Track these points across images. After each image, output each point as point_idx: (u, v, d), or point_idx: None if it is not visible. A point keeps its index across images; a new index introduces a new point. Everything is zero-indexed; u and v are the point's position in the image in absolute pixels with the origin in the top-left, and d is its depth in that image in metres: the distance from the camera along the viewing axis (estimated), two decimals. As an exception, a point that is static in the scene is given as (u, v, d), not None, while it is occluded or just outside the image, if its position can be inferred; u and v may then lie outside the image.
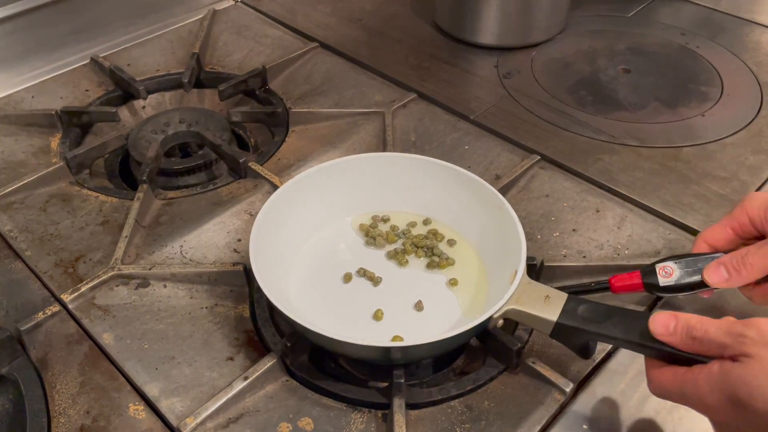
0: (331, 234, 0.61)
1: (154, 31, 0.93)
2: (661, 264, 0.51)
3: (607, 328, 0.46)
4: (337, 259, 0.59)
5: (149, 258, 0.61)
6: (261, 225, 0.55)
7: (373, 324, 0.54)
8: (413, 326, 0.54)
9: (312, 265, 0.59)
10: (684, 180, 0.69)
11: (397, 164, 0.62)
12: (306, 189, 0.59)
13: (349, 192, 0.62)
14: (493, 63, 0.87)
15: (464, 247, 0.60)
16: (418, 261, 0.59)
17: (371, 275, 0.57)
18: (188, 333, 0.55)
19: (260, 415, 0.49)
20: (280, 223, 0.57)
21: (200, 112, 0.78)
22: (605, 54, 0.89)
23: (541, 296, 0.49)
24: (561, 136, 0.75)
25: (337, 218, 0.62)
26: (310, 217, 0.60)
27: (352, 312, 0.55)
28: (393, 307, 0.55)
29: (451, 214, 0.61)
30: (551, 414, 0.49)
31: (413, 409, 0.50)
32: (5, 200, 0.67)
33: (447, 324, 0.54)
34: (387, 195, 0.62)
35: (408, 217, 0.62)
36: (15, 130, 0.76)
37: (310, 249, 0.60)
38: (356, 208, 0.62)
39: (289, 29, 0.94)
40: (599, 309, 0.48)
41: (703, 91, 0.82)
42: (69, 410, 0.50)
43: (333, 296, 0.56)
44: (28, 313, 0.56)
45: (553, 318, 0.48)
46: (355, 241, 0.61)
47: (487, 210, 0.58)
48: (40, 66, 0.86)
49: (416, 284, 0.57)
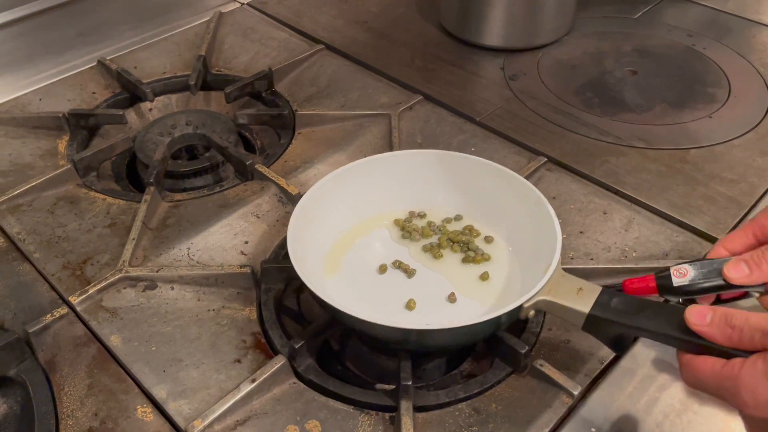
0: (367, 227, 0.62)
1: (161, 33, 0.93)
2: (675, 266, 0.50)
3: (641, 320, 0.45)
4: (373, 252, 0.60)
5: (156, 260, 0.61)
6: (299, 214, 0.56)
7: (406, 313, 0.54)
8: (444, 316, 0.54)
9: (348, 256, 0.59)
10: (691, 182, 0.69)
11: (435, 161, 0.62)
12: (344, 183, 0.60)
13: (386, 187, 0.62)
14: (499, 65, 0.87)
15: (499, 243, 0.60)
16: (453, 255, 0.59)
17: (406, 267, 0.58)
18: (195, 335, 0.55)
19: (268, 418, 0.49)
20: (317, 215, 0.58)
21: (207, 114, 0.78)
22: (612, 55, 0.89)
23: (574, 288, 0.49)
24: (567, 137, 0.75)
25: (373, 212, 0.62)
26: (347, 210, 0.61)
27: (386, 301, 0.55)
28: (426, 298, 0.55)
29: (486, 211, 0.61)
30: (559, 417, 0.49)
31: (420, 411, 0.50)
32: (13, 202, 0.67)
33: (478, 315, 0.53)
34: (423, 191, 0.63)
35: (443, 214, 0.63)
36: (23, 132, 0.76)
37: (346, 241, 0.60)
38: (393, 203, 0.63)
39: (295, 31, 0.94)
40: (633, 302, 0.47)
41: (710, 92, 0.82)
42: (77, 412, 0.50)
43: (367, 286, 0.57)
44: (36, 316, 0.56)
45: (586, 310, 0.47)
46: (391, 235, 0.61)
47: (523, 206, 0.58)
48: (48, 69, 0.86)
49: (450, 277, 0.57)
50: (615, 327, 0.47)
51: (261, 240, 0.63)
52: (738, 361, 0.39)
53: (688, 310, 0.42)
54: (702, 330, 0.41)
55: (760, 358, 0.38)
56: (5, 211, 0.66)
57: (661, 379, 0.51)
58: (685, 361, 0.42)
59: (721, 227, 0.63)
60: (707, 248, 0.62)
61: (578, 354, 0.53)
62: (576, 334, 0.54)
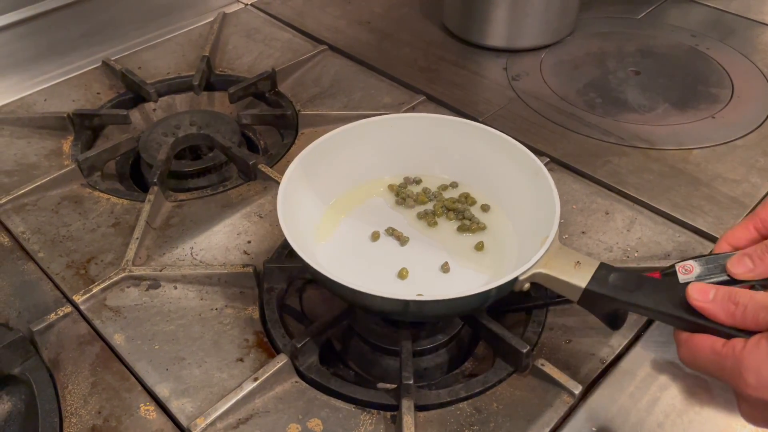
0: (361, 193, 0.60)
1: (165, 34, 0.93)
2: (680, 263, 0.50)
3: (638, 297, 0.44)
4: (366, 218, 0.58)
5: (160, 259, 0.62)
6: (290, 179, 0.54)
7: (398, 282, 0.53)
8: (437, 286, 0.53)
9: (340, 223, 0.58)
10: (694, 182, 0.69)
11: (432, 126, 0.60)
12: (338, 146, 0.58)
13: (381, 152, 0.61)
14: (502, 65, 0.87)
15: (496, 212, 0.59)
16: (449, 224, 0.58)
17: (399, 235, 0.57)
18: (198, 334, 0.55)
19: (270, 416, 0.50)
20: (310, 178, 0.56)
21: (210, 114, 0.78)
22: (615, 56, 0.89)
23: (572, 262, 0.48)
24: (570, 138, 0.75)
25: (367, 178, 0.61)
26: (340, 175, 0.59)
27: (377, 269, 0.54)
28: (419, 267, 0.54)
29: (484, 179, 0.60)
30: (560, 416, 0.49)
31: (422, 410, 0.50)
32: (18, 202, 0.67)
33: (472, 286, 0.51)
34: (420, 157, 0.61)
35: (440, 181, 0.61)
36: (27, 132, 0.77)
37: (338, 207, 0.59)
38: (388, 168, 0.61)
39: (298, 32, 0.94)
40: (631, 278, 0.46)
41: (714, 93, 0.82)
42: (81, 410, 0.50)
43: (359, 253, 0.56)
44: (40, 314, 0.56)
45: (582, 284, 0.46)
46: (385, 201, 0.60)
47: (522, 175, 0.56)
48: (52, 69, 0.87)
49: (444, 246, 0.56)
50: (611, 303, 0.46)
51: (264, 240, 0.64)
52: (740, 341, 0.38)
53: (691, 286, 0.41)
54: (704, 306, 0.40)
55: (764, 337, 0.37)
56: (10, 211, 0.67)
57: (662, 379, 0.51)
58: (683, 340, 0.42)
59: (723, 227, 0.63)
60: (709, 248, 0.62)
61: (579, 354, 0.53)
62: (577, 334, 0.55)
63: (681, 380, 0.51)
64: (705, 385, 0.51)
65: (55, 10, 0.85)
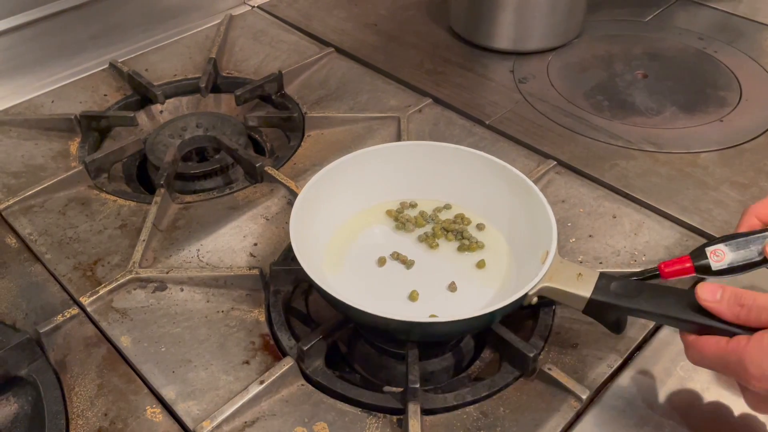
0: (361, 221, 0.62)
1: (172, 36, 0.94)
2: (711, 248, 0.51)
3: (640, 302, 0.47)
4: (370, 245, 0.60)
5: (166, 262, 0.62)
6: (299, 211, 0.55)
7: (410, 304, 0.54)
8: (448, 306, 0.54)
9: (347, 251, 0.59)
10: (702, 186, 0.68)
11: (423, 152, 0.63)
12: (337, 178, 0.60)
13: (376, 180, 0.62)
14: (508, 68, 0.87)
15: (492, 230, 0.60)
16: (448, 244, 0.59)
17: (404, 258, 0.58)
18: (204, 336, 0.55)
19: (276, 419, 0.50)
20: (314, 212, 0.58)
21: (217, 116, 0.79)
22: (622, 59, 0.88)
23: (574, 274, 0.50)
24: (577, 141, 0.74)
25: (365, 205, 0.63)
26: (341, 204, 0.61)
27: (389, 293, 0.56)
28: (427, 288, 0.55)
29: (477, 200, 0.62)
30: (567, 421, 0.49)
31: (428, 414, 0.50)
32: (25, 204, 0.68)
33: (481, 303, 0.54)
34: (413, 182, 0.63)
35: (434, 203, 0.63)
36: (35, 134, 0.77)
37: (343, 235, 0.60)
38: (384, 195, 0.63)
39: (305, 34, 0.95)
40: (630, 285, 0.49)
41: (721, 96, 0.81)
42: (87, 412, 0.50)
43: (369, 279, 0.57)
44: (47, 316, 0.57)
45: (587, 294, 0.49)
46: (385, 226, 0.62)
47: (514, 195, 0.59)
48: (60, 71, 0.87)
49: (448, 266, 0.58)
50: (615, 310, 0.49)
51: (270, 242, 0.64)
52: (743, 338, 0.42)
53: (699, 287, 0.44)
54: (712, 306, 0.44)
55: (766, 333, 0.41)
56: (17, 212, 0.67)
57: (670, 383, 0.51)
58: (690, 342, 0.45)
59: (731, 231, 0.63)
60: (717, 252, 0.61)
61: (586, 358, 0.53)
62: (584, 338, 0.54)
63: (688, 384, 0.51)
64: (712, 390, 0.51)
65: (62, 12, 0.85)
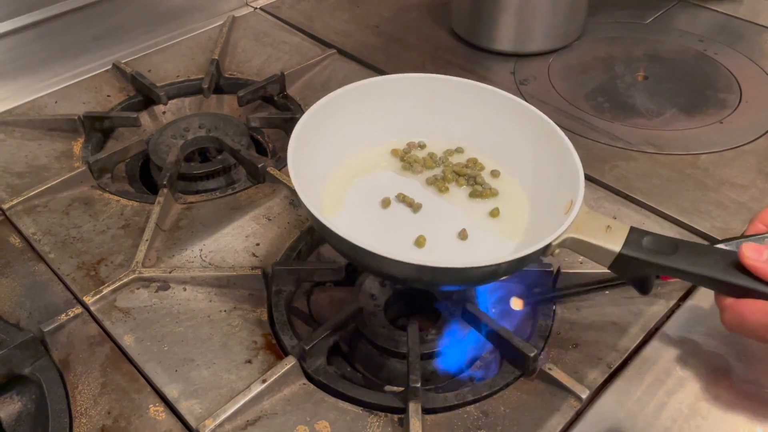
0: (364, 159, 0.58)
1: (175, 37, 0.94)
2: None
3: (676, 260, 0.44)
4: (374, 184, 0.56)
5: (169, 261, 0.62)
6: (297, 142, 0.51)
7: (416, 250, 0.51)
8: (458, 254, 0.51)
9: (348, 191, 0.56)
10: (701, 187, 0.69)
11: (434, 87, 0.58)
12: (339, 109, 0.56)
13: (382, 116, 0.58)
14: (509, 69, 0.88)
15: (507, 178, 0.57)
16: (459, 190, 0.56)
17: (410, 201, 0.54)
18: (207, 336, 0.56)
19: (278, 418, 0.50)
20: (313, 144, 0.54)
21: (219, 117, 0.79)
22: (622, 61, 0.89)
23: (602, 226, 0.46)
24: (578, 142, 0.74)
25: (368, 144, 0.59)
26: (343, 138, 0.57)
27: (394, 237, 0.52)
28: (435, 235, 0.52)
29: (491, 144, 0.58)
30: (567, 421, 0.49)
31: (429, 413, 0.50)
32: (29, 203, 0.68)
33: (495, 254, 0.51)
34: (422, 121, 0.59)
35: (444, 145, 0.59)
36: (38, 134, 0.77)
37: (344, 173, 0.57)
38: (389, 133, 0.59)
39: (307, 36, 0.95)
40: (665, 241, 0.45)
41: (721, 98, 0.82)
42: (90, 411, 0.51)
43: (372, 221, 0.53)
44: (50, 315, 0.57)
45: (616, 249, 0.45)
46: (390, 166, 0.58)
47: (535, 139, 0.55)
48: (63, 72, 0.87)
49: (458, 213, 0.54)
50: (646, 267, 0.45)
51: (272, 242, 0.64)
52: None
53: (743, 246, 0.42)
54: (758, 266, 0.42)
55: None
56: (21, 212, 0.67)
57: (669, 383, 0.51)
58: (728, 305, 0.42)
59: (730, 233, 0.63)
60: (717, 254, 0.62)
61: (587, 358, 0.53)
62: (584, 338, 0.55)
63: (689, 385, 0.51)
64: (712, 390, 0.51)
65: (66, 14, 0.85)
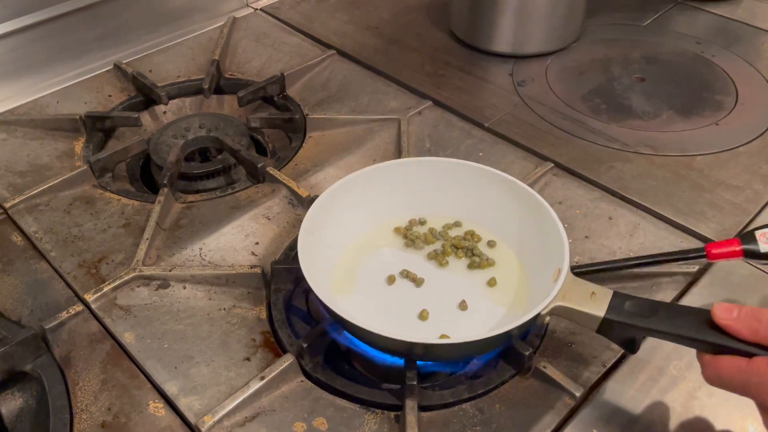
0: (370, 238, 0.62)
1: (176, 38, 0.95)
2: (761, 230, 0.50)
3: (655, 322, 0.46)
4: (379, 262, 0.60)
5: (169, 260, 0.63)
6: (306, 232, 0.55)
7: (420, 324, 0.55)
8: (459, 325, 0.54)
9: (355, 269, 0.59)
10: (697, 188, 0.69)
11: (430, 168, 0.63)
12: (345, 195, 0.60)
13: (385, 196, 0.62)
14: (507, 71, 0.88)
15: (502, 247, 0.60)
16: (458, 262, 0.59)
17: (414, 276, 0.58)
18: (206, 333, 0.56)
19: (276, 415, 0.51)
20: (322, 229, 0.58)
21: (220, 117, 0.80)
22: (620, 62, 0.89)
23: (587, 293, 0.49)
24: (575, 143, 0.75)
25: (374, 223, 0.63)
26: (349, 221, 0.61)
27: (399, 312, 0.56)
28: (437, 307, 0.56)
29: (488, 216, 0.61)
30: (561, 418, 0.50)
31: (425, 411, 0.51)
32: (31, 202, 0.69)
33: (492, 322, 0.54)
34: (422, 199, 0.63)
35: (443, 220, 0.63)
36: (40, 134, 0.78)
37: (351, 253, 0.60)
38: (393, 212, 0.63)
39: (307, 37, 0.96)
40: (645, 304, 0.47)
41: (718, 99, 0.82)
42: (91, 407, 0.51)
43: (379, 298, 0.57)
44: (52, 312, 0.58)
45: (600, 314, 0.48)
46: (393, 244, 0.62)
47: (524, 210, 0.58)
48: (65, 72, 0.88)
49: (458, 284, 0.58)
50: (629, 329, 0.48)
51: (271, 241, 0.65)
52: (764, 359, 0.40)
53: (715, 307, 0.43)
54: (728, 324, 0.42)
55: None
56: (23, 211, 0.68)
57: (663, 381, 0.52)
58: (707, 361, 0.44)
59: (725, 234, 0.64)
60: (711, 254, 0.62)
61: (581, 356, 0.54)
62: (580, 336, 0.55)
63: (682, 384, 0.52)
64: (706, 389, 0.51)
65: (68, 14, 0.86)
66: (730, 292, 0.58)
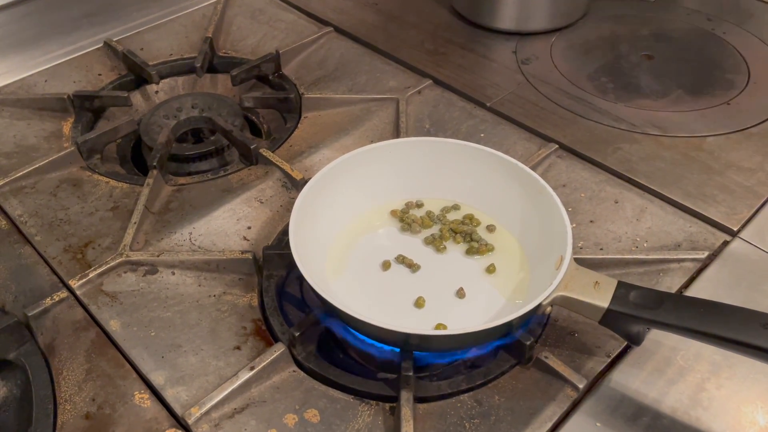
0: (364, 222, 0.60)
1: (168, 15, 0.92)
2: None
3: (661, 314, 0.45)
4: (374, 247, 0.58)
5: (158, 245, 0.61)
6: (298, 215, 0.54)
7: (416, 312, 0.53)
8: (456, 314, 0.53)
9: (349, 255, 0.58)
10: (707, 171, 0.67)
11: (429, 149, 0.61)
12: (339, 176, 0.58)
13: (380, 178, 0.61)
14: (511, 48, 0.85)
15: (502, 233, 0.59)
16: (456, 247, 0.58)
17: (410, 262, 0.56)
18: (195, 321, 0.54)
19: (266, 406, 0.49)
20: (315, 213, 0.56)
21: (213, 97, 0.77)
22: (627, 40, 0.86)
23: (591, 282, 0.48)
24: (580, 124, 0.73)
25: (369, 205, 0.61)
26: (343, 204, 0.59)
27: (394, 300, 0.54)
28: (434, 295, 0.54)
29: (488, 200, 0.60)
30: (563, 410, 0.48)
31: (422, 402, 0.49)
32: (16, 184, 0.67)
33: (491, 312, 0.53)
34: (420, 181, 0.61)
35: (441, 203, 0.61)
36: (27, 113, 0.76)
37: (345, 237, 0.59)
38: (387, 194, 0.61)
39: (303, 13, 0.93)
40: (651, 295, 0.46)
41: (729, 78, 0.79)
42: (75, 397, 0.50)
43: (373, 284, 0.55)
44: (36, 299, 0.56)
45: (604, 305, 0.47)
46: (389, 227, 0.60)
47: (526, 195, 0.57)
48: (53, 50, 0.85)
49: (456, 271, 0.56)
50: (634, 321, 0.46)
51: (264, 226, 0.62)
52: None
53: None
54: None
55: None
56: (8, 193, 0.66)
57: (669, 373, 0.50)
58: None
59: (736, 218, 0.62)
60: (722, 239, 0.60)
61: (584, 347, 0.52)
62: (583, 326, 0.53)
63: (690, 375, 0.50)
64: (715, 381, 0.49)
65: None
66: (739, 279, 0.56)
